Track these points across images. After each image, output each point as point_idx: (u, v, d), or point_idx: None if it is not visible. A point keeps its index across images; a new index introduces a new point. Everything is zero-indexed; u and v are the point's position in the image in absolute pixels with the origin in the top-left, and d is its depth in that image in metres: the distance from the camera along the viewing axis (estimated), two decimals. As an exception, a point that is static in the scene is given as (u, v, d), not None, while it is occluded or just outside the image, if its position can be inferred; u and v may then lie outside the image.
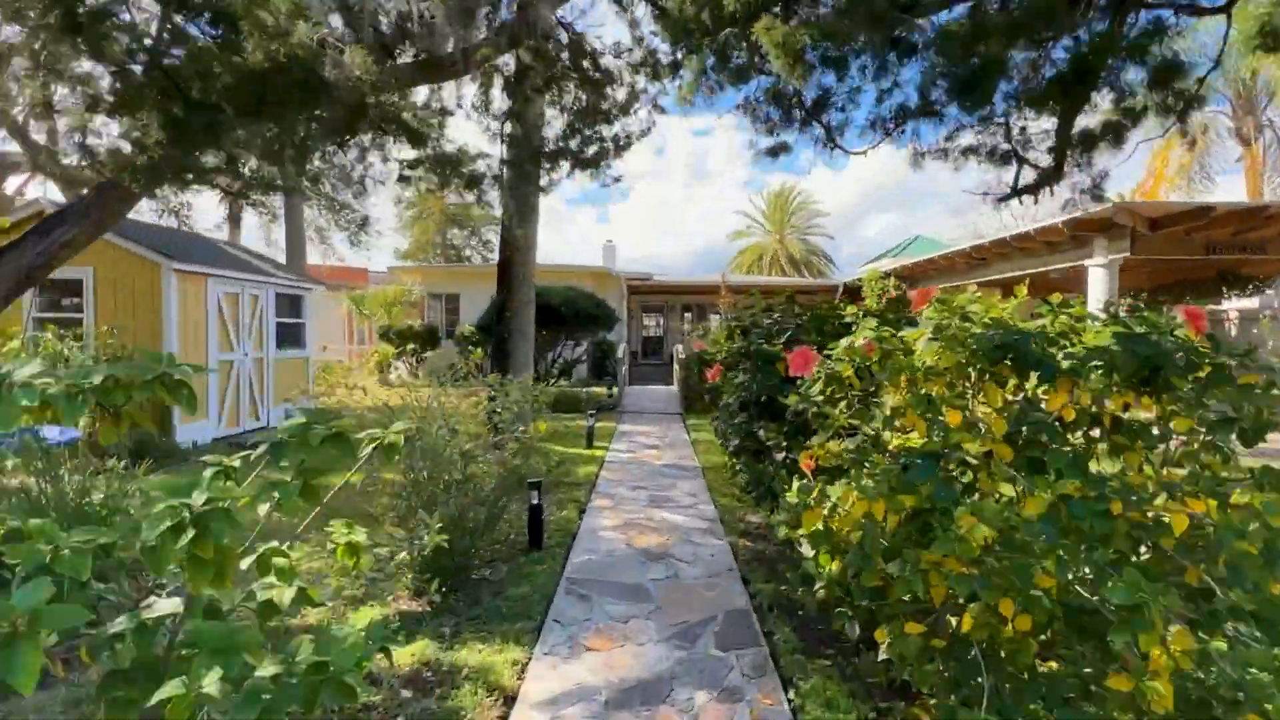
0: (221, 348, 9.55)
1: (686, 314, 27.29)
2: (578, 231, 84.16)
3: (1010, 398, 2.44)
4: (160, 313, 8.55)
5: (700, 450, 9.23)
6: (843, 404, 2.90)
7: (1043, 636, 2.01)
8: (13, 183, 11.37)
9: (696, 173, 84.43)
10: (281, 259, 19.23)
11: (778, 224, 44.53)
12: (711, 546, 5.21)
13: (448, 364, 5.83)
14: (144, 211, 5.62)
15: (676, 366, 15.23)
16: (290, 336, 11.36)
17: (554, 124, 7.16)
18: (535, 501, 5.19)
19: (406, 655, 3.35)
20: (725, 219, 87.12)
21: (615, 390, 14.05)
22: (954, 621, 2.17)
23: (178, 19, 4.41)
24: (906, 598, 2.18)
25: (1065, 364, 2.13)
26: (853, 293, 23.20)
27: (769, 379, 5.08)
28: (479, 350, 16.26)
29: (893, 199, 70.56)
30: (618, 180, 7.19)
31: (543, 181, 7.18)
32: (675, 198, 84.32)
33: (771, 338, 5.38)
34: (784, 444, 4.52)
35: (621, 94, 6.73)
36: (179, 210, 5.07)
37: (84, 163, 4.60)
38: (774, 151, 6.03)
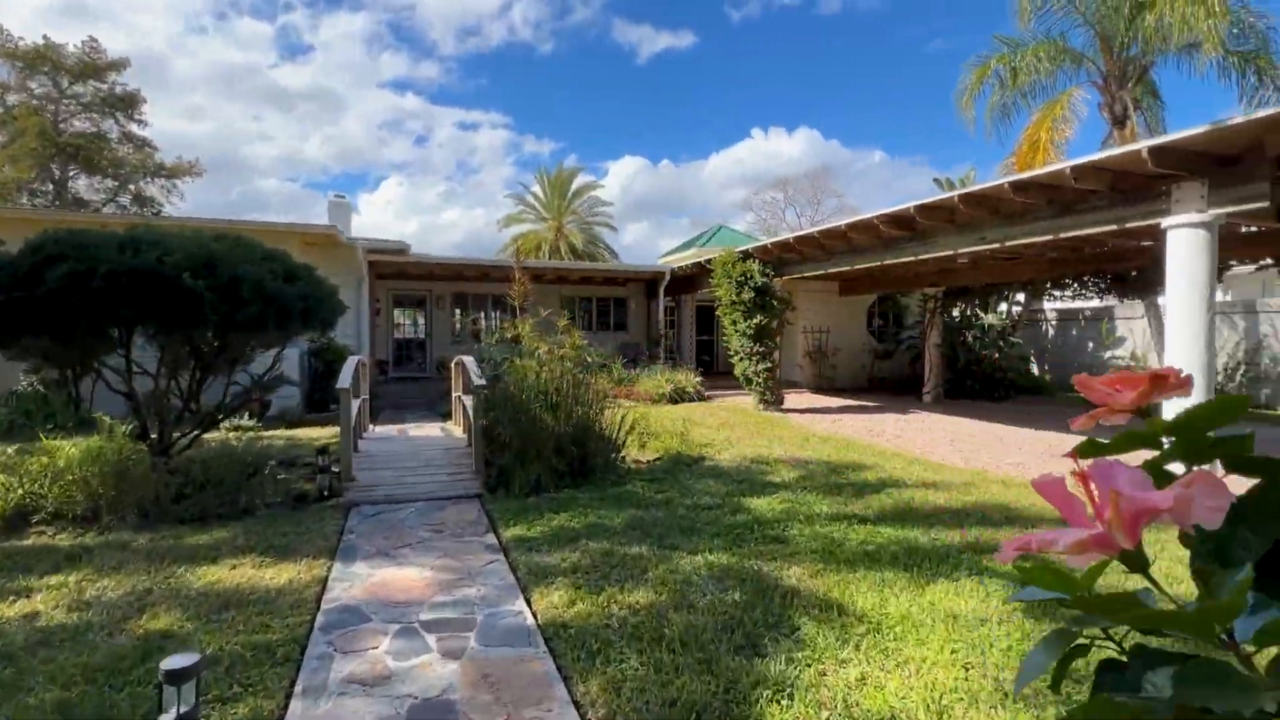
0: None
1: (458, 310, 20.25)
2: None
3: None
4: None
5: None
6: None
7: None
8: None
9: (462, 167, 75.40)
10: None
11: (556, 210, 39.04)
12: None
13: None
14: None
15: (465, 398, 8.60)
16: None
17: None
18: None
19: None
20: (492, 209, 79.14)
21: (338, 450, 7.03)
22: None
23: None
24: None
25: None
26: (682, 281, 18.51)
27: None
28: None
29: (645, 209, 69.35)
30: None
31: None
32: (435, 191, 74.32)
33: None
34: None
35: None
36: None
37: None
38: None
